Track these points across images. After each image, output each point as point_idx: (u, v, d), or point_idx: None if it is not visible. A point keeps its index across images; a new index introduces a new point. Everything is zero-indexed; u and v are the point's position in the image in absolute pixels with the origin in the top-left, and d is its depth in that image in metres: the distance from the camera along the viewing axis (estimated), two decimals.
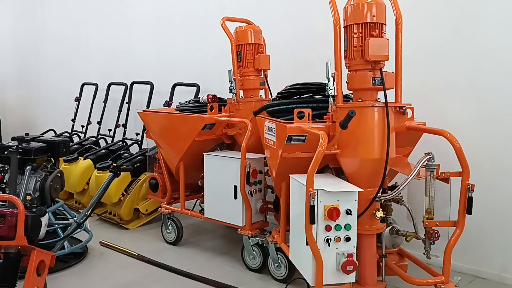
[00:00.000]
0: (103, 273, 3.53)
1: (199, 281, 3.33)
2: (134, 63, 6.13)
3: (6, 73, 8.62)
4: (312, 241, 2.37)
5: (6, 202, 3.45)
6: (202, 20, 5.26)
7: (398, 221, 2.89)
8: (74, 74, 7.03)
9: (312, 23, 4.27)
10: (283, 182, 3.03)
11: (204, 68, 5.24)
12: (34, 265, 2.29)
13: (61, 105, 7.25)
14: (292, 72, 4.29)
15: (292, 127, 2.68)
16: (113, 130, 5.82)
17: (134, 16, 6.09)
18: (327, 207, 2.39)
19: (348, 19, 2.57)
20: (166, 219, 4.14)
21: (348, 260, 2.41)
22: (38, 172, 3.68)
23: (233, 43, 3.69)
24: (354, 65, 2.59)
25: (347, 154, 2.58)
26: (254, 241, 3.45)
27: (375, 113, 2.54)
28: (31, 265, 2.28)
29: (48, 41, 7.64)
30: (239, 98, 3.71)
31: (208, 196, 3.72)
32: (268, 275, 3.40)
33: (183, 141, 3.84)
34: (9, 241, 2.25)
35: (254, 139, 3.43)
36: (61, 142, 3.88)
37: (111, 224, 4.71)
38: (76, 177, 4.91)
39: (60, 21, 7.33)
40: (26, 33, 8.09)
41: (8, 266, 2.31)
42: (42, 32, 7.73)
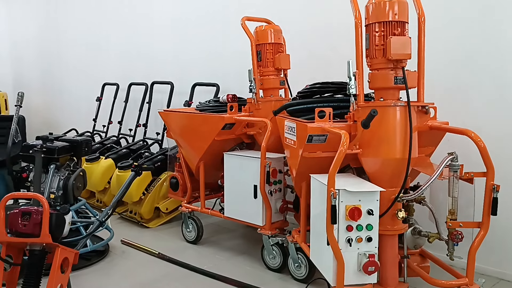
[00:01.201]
0: (124, 271, 3.58)
1: (219, 280, 3.34)
2: (154, 63, 6.18)
3: (30, 74, 8.80)
4: (334, 241, 2.36)
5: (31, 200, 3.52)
6: (222, 19, 5.27)
7: (420, 221, 2.86)
8: (95, 74, 7.12)
9: (332, 22, 4.24)
10: (304, 181, 3.02)
11: (224, 68, 5.25)
12: (58, 262, 2.32)
13: (83, 105, 7.36)
14: (312, 72, 4.26)
15: (313, 127, 2.67)
16: (133, 129, 5.88)
17: (154, 16, 6.14)
18: (348, 207, 2.38)
19: (370, 18, 2.55)
20: (186, 218, 4.16)
21: (370, 260, 2.39)
22: (61, 171, 3.74)
23: (253, 42, 3.69)
24: (375, 64, 2.56)
25: (369, 153, 2.56)
26: (274, 240, 3.45)
27: (397, 112, 2.51)
28: (55, 262, 2.31)
29: (70, 42, 7.76)
30: (259, 97, 3.71)
31: (228, 195, 3.73)
32: (288, 275, 3.39)
33: (203, 140, 3.86)
34: (34, 238, 2.29)
35: (274, 139, 3.43)
36: (83, 141, 3.93)
37: (132, 222, 4.77)
38: (98, 176, 4.98)
39: (81, 23, 7.44)
40: (49, 35, 8.24)
41: (33, 262, 2.35)
42: (64, 34, 7.85)
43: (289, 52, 3.81)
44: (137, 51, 6.44)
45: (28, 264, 2.36)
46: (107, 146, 5.65)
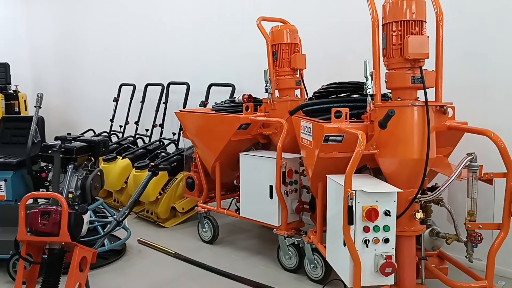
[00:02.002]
0: (141, 270, 3.61)
1: (235, 280, 3.35)
2: (170, 64, 6.22)
3: (49, 75, 8.94)
4: (350, 242, 2.35)
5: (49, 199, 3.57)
6: (237, 20, 5.28)
7: (438, 223, 2.82)
8: (112, 75, 7.19)
9: (348, 22, 4.22)
10: (320, 182, 3.01)
11: (239, 68, 5.26)
12: (76, 261, 2.35)
13: (100, 106, 7.44)
14: (328, 72, 4.25)
15: (330, 127, 2.66)
16: (150, 130, 5.93)
17: (170, 18, 6.18)
18: (365, 208, 2.36)
19: (387, 17, 2.53)
20: (202, 218, 4.18)
21: (387, 262, 2.37)
22: (79, 171, 3.78)
23: (269, 42, 3.69)
24: (393, 63, 2.54)
25: (386, 154, 2.54)
26: (290, 241, 3.44)
27: (415, 112, 2.49)
28: (74, 261, 2.34)
29: (88, 44, 7.86)
30: (274, 97, 3.71)
31: (244, 195, 3.74)
32: (304, 276, 3.38)
33: (219, 140, 3.87)
34: (53, 237, 2.32)
35: (290, 139, 3.42)
36: (101, 141, 3.97)
37: (148, 222, 4.81)
38: (115, 176, 5.03)
39: (98, 25, 7.53)
40: (67, 37, 8.36)
41: (53, 261, 2.38)
42: (82, 36, 7.96)
43: (305, 52, 3.80)
44: (154, 52, 6.49)
45: (47, 262, 2.39)
46: (124, 146, 5.70)
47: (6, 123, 4.30)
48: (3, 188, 3.74)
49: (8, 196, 3.75)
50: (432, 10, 2.59)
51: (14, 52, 8.97)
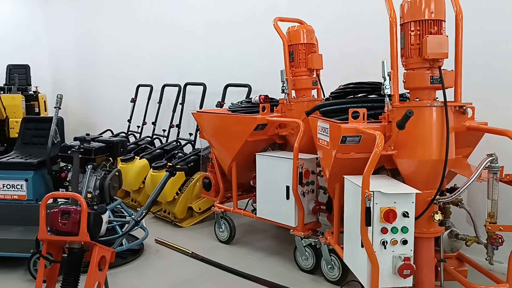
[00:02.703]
0: (158, 269, 3.64)
1: (252, 281, 3.35)
2: (187, 65, 6.26)
3: (68, 76, 9.07)
4: (368, 244, 2.33)
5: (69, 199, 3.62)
6: (253, 21, 5.29)
7: (458, 224, 2.79)
8: (129, 76, 7.27)
9: (365, 22, 4.19)
10: (337, 183, 2.99)
11: (256, 68, 5.27)
12: (96, 260, 2.38)
13: (118, 106, 7.52)
14: (344, 72, 4.23)
15: (347, 127, 2.65)
16: (167, 130, 5.97)
17: (187, 19, 6.22)
18: (383, 209, 2.34)
19: (405, 17, 2.51)
20: (219, 218, 4.20)
21: (405, 263, 2.35)
22: (98, 171, 3.82)
23: (285, 43, 3.69)
24: (411, 63, 2.52)
25: (404, 155, 2.52)
26: (306, 242, 3.43)
27: (434, 112, 2.46)
28: (93, 260, 2.38)
29: (105, 45, 7.95)
30: (291, 98, 3.70)
31: (260, 196, 3.74)
32: (321, 277, 3.37)
33: (235, 141, 3.88)
34: (73, 236, 2.36)
35: (307, 139, 3.41)
36: (119, 142, 4.01)
37: (165, 222, 4.84)
38: (133, 176, 5.08)
39: (116, 26, 7.61)
40: (86, 38, 8.47)
41: (72, 260, 2.42)
42: (100, 38, 8.06)
43: (322, 52, 3.79)
44: (171, 53, 6.54)
45: (67, 261, 2.43)
46: (141, 146, 5.75)
47: (27, 123, 4.38)
48: (24, 187, 3.81)
49: (29, 195, 3.81)
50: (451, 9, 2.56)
51: (34, 54, 9.14)
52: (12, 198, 3.82)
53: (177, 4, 6.37)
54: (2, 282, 3.39)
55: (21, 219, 3.74)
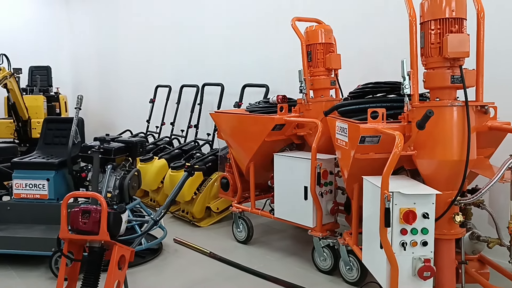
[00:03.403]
0: (177, 269, 3.66)
1: (270, 281, 3.35)
2: (205, 65, 6.29)
3: (88, 78, 9.21)
4: (387, 245, 2.31)
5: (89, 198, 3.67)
6: (271, 21, 5.29)
7: (479, 226, 2.74)
8: (148, 77, 7.34)
9: (383, 21, 4.15)
10: (356, 183, 2.97)
11: (273, 68, 5.26)
12: (115, 259, 2.41)
13: (137, 107, 7.60)
14: (363, 72, 4.20)
15: (366, 127, 2.62)
16: (185, 130, 6.01)
17: (205, 19, 6.25)
18: (402, 210, 2.32)
19: (425, 15, 2.48)
20: (237, 218, 4.21)
21: (425, 265, 2.32)
22: (117, 170, 3.87)
23: (303, 43, 3.68)
24: (431, 62, 2.49)
25: (424, 155, 2.49)
26: (324, 242, 3.42)
27: (454, 112, 2.43)
28: (113, 259, 2.40)
29: (125, 46, 8.04)
30: (309, 98, 3.69)
31: (278, 196, 3.74)
32: (339, 278, 3.35)
33: (253, 141, 3.88)
34: (94, 236, 2.39)
35: (325, 140, 3.40)
36: (138, 142, 4.06)
37: (183, 221, 4.87)
38: (152, 176, 5.12)
39: (135, 27, 7.69)
40: (105, 40, 8.58)
41: (93, 259, 2.45)
42: (120, 38, 8.15)
43: (340, 51, 3.77)
44: (189, 53, 6.58)
45: (87, 260, 2.46)
46: (160, 146, 5.80)
47: (49, 124, 4.45)
48: (46, 187, 3.88)
49: (51, 195, 3.88)
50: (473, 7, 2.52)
51: (55, 55, 9.30)
52: (34, 197, 3.90)
53: (195, 5, 6.41)
54: (24, 279, 3.45)
55: (43, 218, 3.81)
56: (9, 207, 3.91)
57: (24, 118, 7.27)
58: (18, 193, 3.92)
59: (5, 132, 7.53)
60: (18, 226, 3.79)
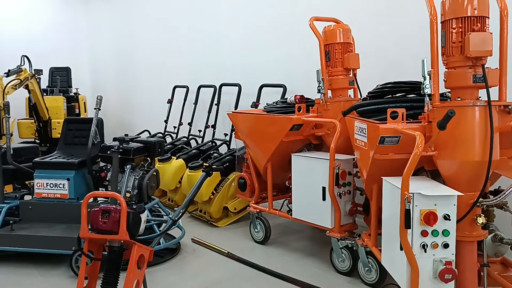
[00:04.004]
0: (195, 269, 3.67)
1: (288, 282, 3.33)
2: (222, 65, 6.30)
3: (107, 78, 9.31)
4: (407, 247, 2.28)
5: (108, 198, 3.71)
6: (288, 20, 5.27)
7: (502, 228, 2.69)
8: (166, 77, 7.39)
9: (402, 20, 4.11)
10: (375, 184, 2.94)
11: (291, 68, 5.25)
12: (135, 258, 2.43)
13: (155, 107, 7.66)
14: (382, 71, 4.17)
15: (385, 128, 2.60)
16: (203, 130, 6.03)
17: (222, 19, 6.26)
18: (423, 211, 2.29)
19: (446, 14, 2.44)
20: (254, 218, 4.20)
21: (447, 268, 2.28)
22: (136, 170, 3.90)
23: (321, 42, 3.65)
24: (452, 62, 2.45)
25: (445, 156, 2.45)
26: (343, 243, 3.39)
27: (476, 112, 2.39)
28: (132, 259, 2.42)
29: (143, 47, 8.11)
30: (327, 98, 3.67)
31: (296, 196, 3.72)
32: (357, 279, 3.32)
33: (271, 141, 3.87)
34: (113, 235, 2.41)
35: (343, 140, 3.38)
36: (157, 142, 4.09)
37: (201, 221, 4.89)
38: (170, 176, 5.15)
39: (153, 28, 7.75)
40: (123, 41, 8.67)
41: (112, 258, 2.48)
42: (138, 39, 8.22)
43: (359, 51, 3.74)
44: (206, 54, 6.60)
45: (107, 259, 2.48)
46: (178, 146, 5.83)
47: (69, 124, 4.51)
48: (66, 186, 3.93)
49: (71, 194, 3.93)
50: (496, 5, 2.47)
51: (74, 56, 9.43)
52: (55, 196, 3.95)
53: (212, 6, 6.42)
54: (45, 278, 3.51)
55: (63, 217, 3.86)
56: (30, 206, 3.97)
57: (44, 118, 7.38)
58: (40, 193, 3.98)
59: (27, 132, 7.66)
60: (39, 225, 3.84)
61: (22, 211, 3.97)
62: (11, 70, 6.41)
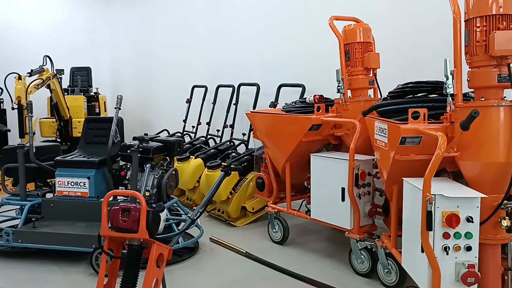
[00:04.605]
0: (213, 268, 3.68)
1: (306, 282, 3.32)
2: (241, 65, 6.30)
3: (127, 78, 9.41)
4: (429, 249, 2.25)
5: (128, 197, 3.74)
6: (307, 20, 5.25)
7: None
8: (185, 77, 7.42)
9: (423, 19, 4.05)
10: (395, 185, 2.91)
11: (310, 68, 5.23)
12: (154, 257, 2.43)
13: (173, 107, 7.71)
14: (402, 71, 4.12)
15: (406, 128, 2.56)
16: (221, 130, 6.04)
17: (240, 19, 6.27)
18: (445, 213, 2.25)
19: (470, 12, 2.40)
20: (273, 218, 4.19)
21: (469, 271, 2.24)
22: (155, 170, 3.93)
23: (341, 42, 3.62)
24: (476, 61, 2.41)
25: (468, 157, 2.41)
26: (362, 245, 3.36)
27: (501, 112, 2.35)
28: (152, 257, 2.43)
29: (162, 47, 8.17)
30: (347, 98, 3.64)
31: (315, 197, 3.70)
32: (377, 281, 3.29)
33: (289, 141, 3.86)
34: (133, 234, 2.43)
35: (363, 140, 3.34)
36: (176, 142, 4.11)
37: (219, 221, 4.90)
38: (188, 175, 5.18)
39: (173, 28, 7.80)
40: (143, 41, 8.74)
41: (132, 257, 2.49)
42: (157, 40, 8.28)
43: (379, 50, 3.70)
44: (225, 54, 6.61)
45: (127, 258, 2.50)
46: (196, 146, 5.86)
47: (89, 123, 4.56)
48: (86, 185, 3.97)
49: (91, 193, 3.97)
50: None
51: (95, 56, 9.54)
52: (75, 194, 4.00)
53: (231, 6, 6.43)
54: (66, 275, 3.56)
55: (84, 215, 3.91)
56: (52, 204, 4.03)
57: (65, 117, 7.49)
58: (61, 191, 4.04)
59: (48, 131, 7.78)
60: (60, 222, 3.90)
61: (44, 209, 4.04)
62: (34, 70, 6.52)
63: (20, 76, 6.21)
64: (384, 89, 3.60)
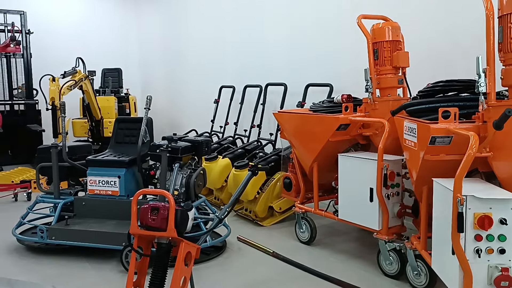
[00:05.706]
0: (240, 267, 3.70)
1: (333, 283, 3.28)
2: (268, 65, 6.31)
3: (156, 79, 9.57)
4: (460, 251, 2.20)
5: (157, 196, 3.80)
6: (334, 19, 5.21)
7: None
8: (213, 78, 7.49)
9: (454, 16, 3.96)
10: (425, 186, 2.86)
11: (337, 67, 5.18)
12: (182, 256, 2.46)
13: (201, 107, 7.78)
14: (432, 70, 4.04)
15: (437, 128, 2.52)
16: (248, 130, 6.06)
17: (268, 19, 6.27)
18: (477, 215, 2.20)
19: (504, 8, 2.33)
20: (300, 219, 4.18)
21: (503, 274, 2.18)
22: (184, 169, 3.98)
23: (369, 40, 3.58)
24: (510, 58, 2.34)
25: (501, 157, 2.34)
26: (391, 246, 3.32)
27: None
28: (180, 256, 2.46)
29: (189, 48, 8.26)
30: (375, 97, 3.59)
31: (343, 197, 3.67)
32: (406, 283, 3.24)
33: (317, 141, 3.84)
34: (162, 232, 2.46)
35: (392, 140, 3.30)
36: (204, 141, 4.15)
37: (246, 220, 4.92)
38: (216, 175, 5.22)
39: (199, 29, 7.87)
40: (172, 42, 8.86)
41: (160, 255, 2.53)
42: (185, 41, 8.38)
43: (408, 49, 3.64)
44: (252, 54, 6.63)
45: (156, 256, 2.54)
46: (224, 146, 5.90)
47: (120, 124, 4.64)
48: (117, 184, 4.05)
49: (121, 191, 4.05)
50: None
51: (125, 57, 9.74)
52: (106, 193, 4.09)
53: (259, 6, 6.45)
54: (97, 271, 3.64)
55: (115, 213, 3.99)
56: (84, 202, 4.13)
57: (97, 118, 7.67)
58: (92, 189, 4.13)
59: (80, 131, 7.98)
60: (92, 220, 3.99)
61: (76, 207, 4.14)
62: (67, 71, 6.70)
63: (54, 77, 6.40)
64: (414, 88, 3.54)
